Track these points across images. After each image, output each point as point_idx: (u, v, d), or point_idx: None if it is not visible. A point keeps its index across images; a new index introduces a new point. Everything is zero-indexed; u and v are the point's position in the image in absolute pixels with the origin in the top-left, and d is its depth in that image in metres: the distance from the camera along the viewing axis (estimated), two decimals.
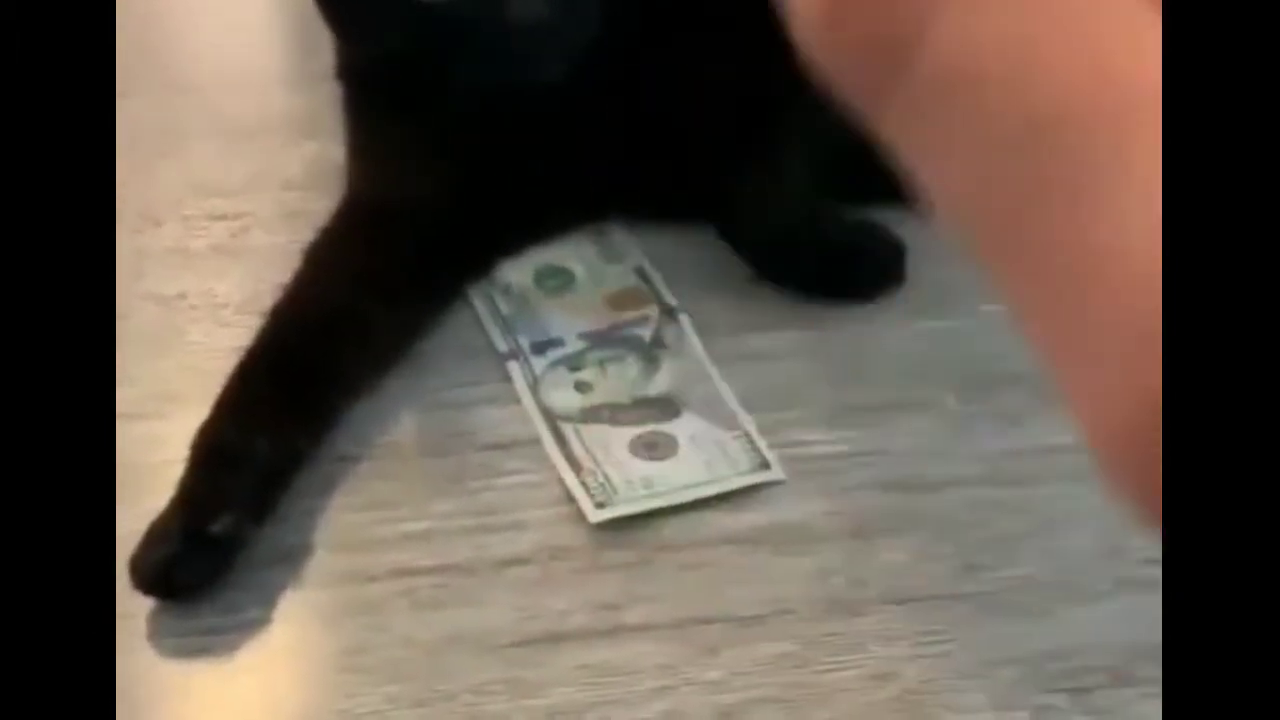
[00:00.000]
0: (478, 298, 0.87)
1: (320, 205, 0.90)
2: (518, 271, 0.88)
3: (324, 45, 0.95)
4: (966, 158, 0.28)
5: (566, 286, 0.88)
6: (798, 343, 0.85)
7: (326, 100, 0.96)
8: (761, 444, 0.78)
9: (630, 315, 0.86)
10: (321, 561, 0.74)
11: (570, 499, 0.76)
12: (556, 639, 0.71)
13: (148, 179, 0.97)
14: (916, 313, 0.86)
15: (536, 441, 0.79)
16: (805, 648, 0.70)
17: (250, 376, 0.79)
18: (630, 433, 0.79)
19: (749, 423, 0.79)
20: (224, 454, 0.75)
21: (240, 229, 0.93)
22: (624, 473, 0.76)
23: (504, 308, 0.86)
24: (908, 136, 0.30)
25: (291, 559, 0.74)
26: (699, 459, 0.77)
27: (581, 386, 0.82)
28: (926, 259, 0.88)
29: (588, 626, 0.71)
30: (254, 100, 1.05)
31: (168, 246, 0.92)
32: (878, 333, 0.85)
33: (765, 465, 0.77)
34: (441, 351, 0.85)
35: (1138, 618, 0.70)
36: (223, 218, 0.94)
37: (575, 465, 0.77)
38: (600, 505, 0.75)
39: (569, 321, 0.85)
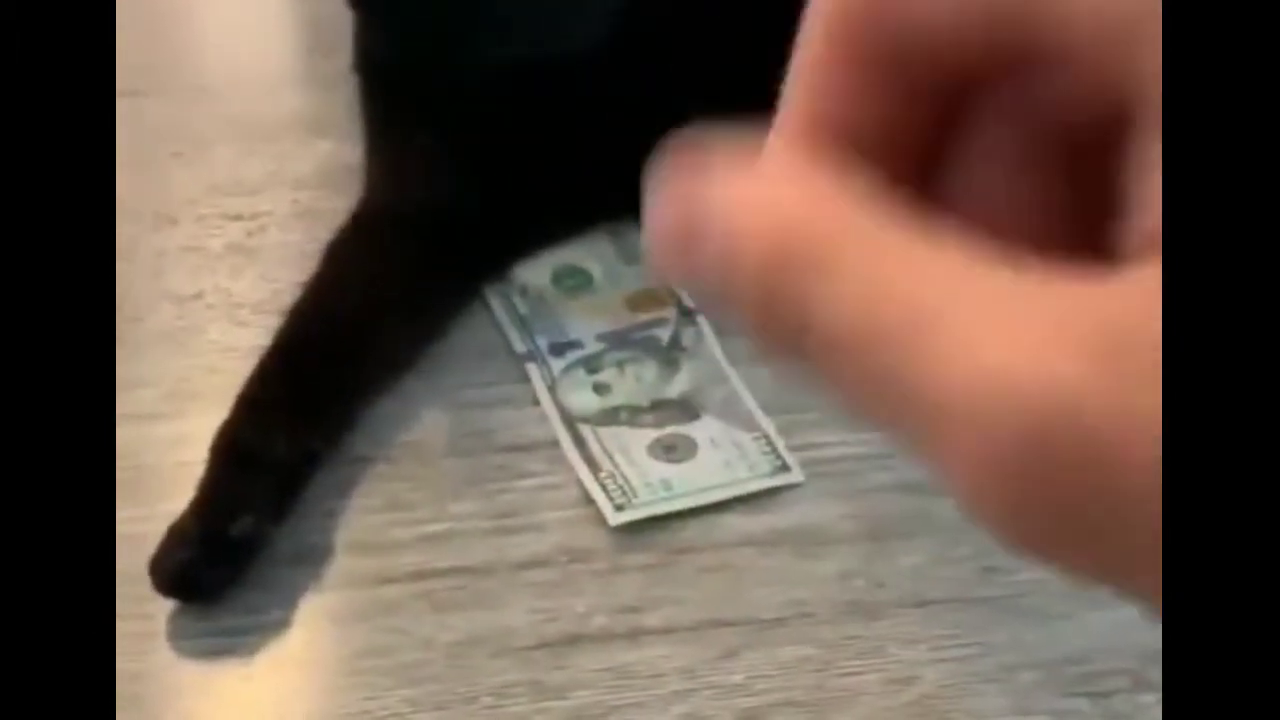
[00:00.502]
0: (495, 298, 0.87)
1: (335, 204, 0.90)
2: (535, 272, 0.88)
3: (336, 45, 0.95)
4: None
5: (584, 287, 0.88)
6: None
7: (339, 100, 0.96)
8: (780, 446, 0.78)
9: (648, 316, 0.85)
10: (340, 563, 0.74)
11: (589, 501, 0.76)
12: (576, 641, 0.71)
13: (163, 179, 0.97)
14: None
15: (555, 443, 0.79)
16: (826, 651, 0.70)
17: (268, 377, 0.79)
18: (649, 435, 0.79)
19: (768, 424, 0.79)
20: (242, 455, 0.75)
21: (256, 228, 0.93)
22: (643, 475, 0.76)
23: (522, 308, 0.86)
24: None
25: (311, 560, 0.74)
26: (718, 461, 0.77)
27: (600, 388, 0.82)
28: None
29: (608, 629, 0.71)
30: (267, 100, 1.05)
31: (184, 246, 0.92)
32: None
33: (785, 467, 0.77)
34: (459, 352, 0.85)
35: (1156, 621, 0.70)
36: (239, 217, 0.94)
37: (594, 467, 0.77)
38: (619, 507, 0.75)
39: (587, 322, 0.85)
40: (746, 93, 0.89)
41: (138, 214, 0.93)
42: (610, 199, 0.90)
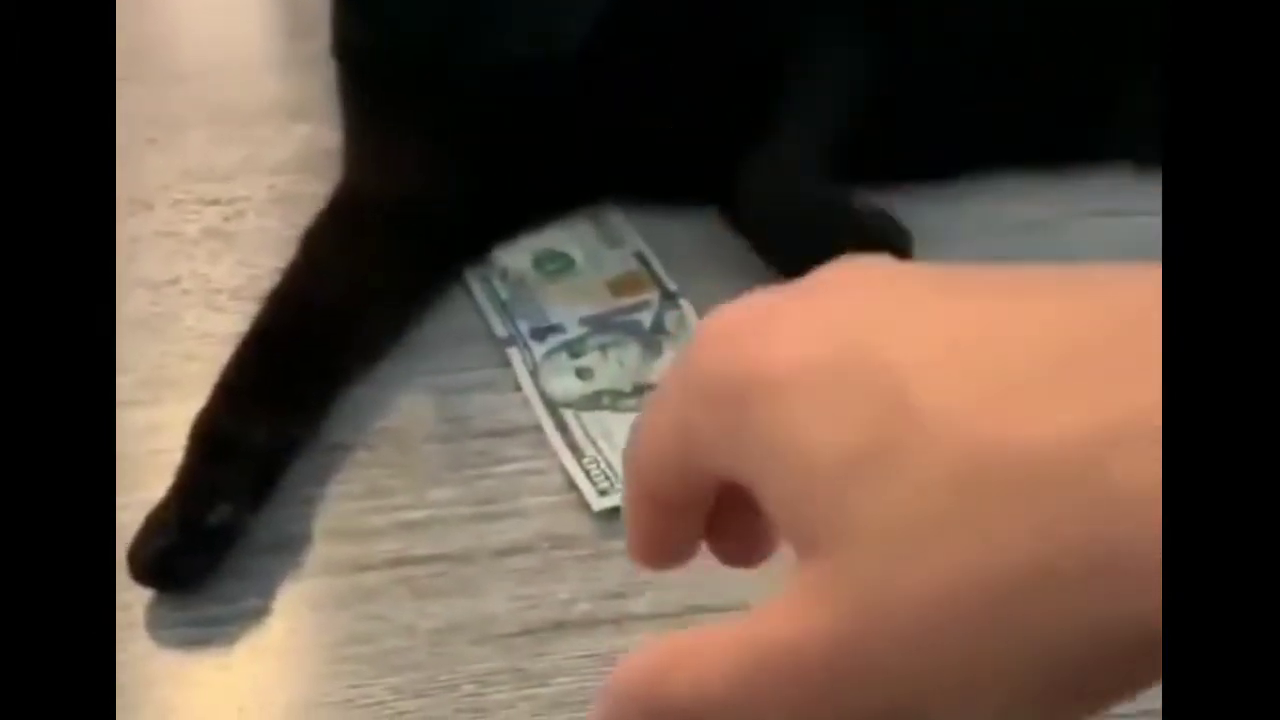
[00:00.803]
0: (476, 283, 0.86)
1: (313, 189, 0.89)
2: (516, 256, 0.87)
3: (314, 28, 0.94)
4: None
5: (566, 271, 0.87)
6: None
7: (317, 83, 0.95)
8: None
9: (631, 300, 0.85)
10: (319, 550, 0.73)
11: (572, 486, 0.75)
12: (560, 627, 0.70)
13: (137, 164, 0.96)
14: None
15: (537, 428, 0.78)
16: None
17: (246, 364, 0.78)
18: (632, 419, 0.77)
19: None
20: (220, 443, 0.74)
21: (233, 213, 0.92)
22: None
23: (503, 293, 0.85)
24: None
25: (290, 548, 0.73)
26: None
27: (582, 373, 0.81)
28: (937, 242, 0.86)
29: (592, 615, 0.70)
30: (244, 84, 1.04)
31: (159, 231, 0.91)
32: None
33: None
34: (439, 337, 0.84)
35: None
36: (215, 202, 0.93)
37: (577, 452, 0.76)
38: (603, 492, 0.74)
39: (569, 306, 0.84)
40: (722, 81, 0.88)
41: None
42: (590, 185, 0.90)
